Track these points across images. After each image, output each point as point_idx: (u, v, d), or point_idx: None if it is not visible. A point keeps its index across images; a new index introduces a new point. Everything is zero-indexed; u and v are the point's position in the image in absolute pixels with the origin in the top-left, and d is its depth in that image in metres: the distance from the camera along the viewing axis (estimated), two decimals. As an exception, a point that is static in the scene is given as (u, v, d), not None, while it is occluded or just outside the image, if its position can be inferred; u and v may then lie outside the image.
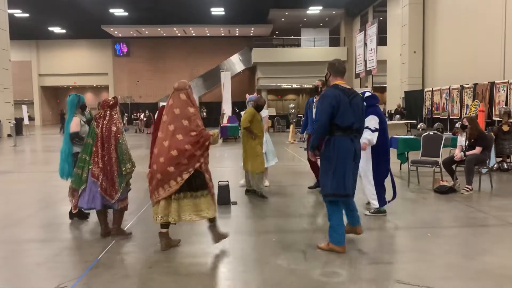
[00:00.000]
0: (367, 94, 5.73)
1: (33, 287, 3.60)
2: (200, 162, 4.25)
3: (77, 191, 4.86)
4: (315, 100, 7.41)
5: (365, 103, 5.57)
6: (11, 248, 4.72)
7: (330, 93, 4.26)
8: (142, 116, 28.32)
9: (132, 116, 32.33)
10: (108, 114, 4.85)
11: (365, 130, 5.44)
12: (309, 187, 7.62)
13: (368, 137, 5.43)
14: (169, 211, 4.26)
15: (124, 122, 26.98)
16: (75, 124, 5.46)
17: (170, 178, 4.18)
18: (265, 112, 7.86)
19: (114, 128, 4.76)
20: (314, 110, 7.28)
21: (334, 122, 4.19)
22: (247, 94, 8.20)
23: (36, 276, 3.91)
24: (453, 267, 3.97)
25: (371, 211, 5.74)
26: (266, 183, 7.85)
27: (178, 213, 4.25)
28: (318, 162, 4.71)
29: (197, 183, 4.26)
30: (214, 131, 4.40)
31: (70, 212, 5.54)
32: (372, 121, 5.48)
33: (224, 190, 6.48)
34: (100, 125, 4.79)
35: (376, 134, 5.49)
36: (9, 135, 20.27)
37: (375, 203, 5.68)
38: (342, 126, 4.19)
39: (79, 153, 5.21)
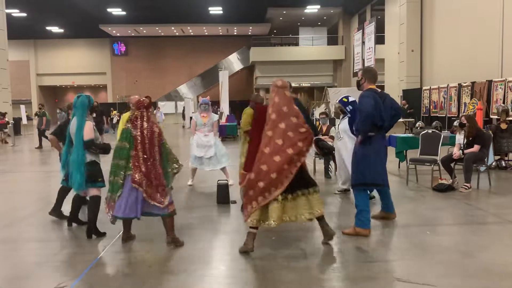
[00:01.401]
0: (351, 99, 6.30)
1: (34, 286, 3.61)
2: (306, 157, 4.33)
3: (113, 199, 4.45)
4: None
5: (350, 107, 6.19)
6: (11, 247, 4.72)
7: (369, 94, 4.81)
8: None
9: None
10: (145, 115, 4.50)
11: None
12: None
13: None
14: (271, 214, 4.15)
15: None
16: (90, 130, 4.85)
17: (284, 175, 4.14)
18: (215, 117, 7.97)
19: (156, 129, 4.47)
20: None
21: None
22: (200, 97, 8.18)
23: (36, 275, 3.91)
24: (452, 265, 3.98)
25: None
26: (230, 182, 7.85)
27: (293, 213, 4.22)
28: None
29: (306, 181, 4.29)
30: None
31: (88, 232, 4.93)
32: None
33: (223, 189, 6.48)
34: (139, 127, 4.43)
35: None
36: (8, 135, 20.20)
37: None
38: (378, 125, 4.77)
39: (95, 162, 4.91)
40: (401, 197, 6.76)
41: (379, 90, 4.99)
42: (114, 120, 27.57)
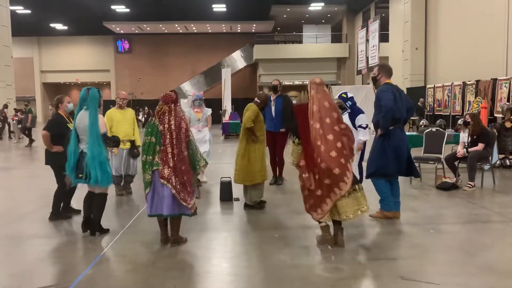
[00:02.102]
0: (349, 94, 6.43)
1: (37, 283, 3.61)
2: (353, 154, 4.38)
3: (146, 197, 4.39)
4: (272, 98, 7.59)
5: (350, 102, 6.30)
6: (14, 244, 4.74)
7: (387, 88, 5.06)
8: (140, 116, 27.34)
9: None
10: (172, 109, 4.39)
11: (359, 129, 6.15)
12: (270, 184, 7.56)
13: (362, 138, 6.20)
14: (343, 209, 4.20)
15: None
16: (103, 123, 4.79)
17: (344, 170, 4.18)
18: (209, 111, 7.96)
19: (184, 125, 4.37)
20: (272, 108, 7.52)
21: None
22: (193, 92, 8.17)
23: (39, 272, 3.92)
24: (456, 263, 3.97)
25: None
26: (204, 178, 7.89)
27: (354, 209, 4.24)
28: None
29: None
30: None
31: (90, 226, 4.90)
32: (364, 119, 6.24)
33: (226, 186, 6.48)
34: (167, 122, 4.33)
35: (368, 130, 6.31)
36: (11, 132, 20.30)
37: None
38: (395, 118, 5.01)
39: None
40: (405, 195, 6.72)
41: (395, 84, 5.23)
42: None
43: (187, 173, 4.32)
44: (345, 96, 6.43)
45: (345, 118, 6.36)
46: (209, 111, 7.97)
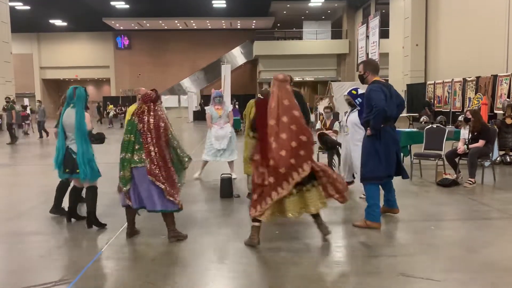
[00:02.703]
0: (360, 91, 6.07)
1: (37, 280, 3.61)
2: (313, 153, 4.32)
3: (127, 193, 4.45)
4: None
5: (360, 99, 6.00)
6: (14, 240, 4.73)
7: (376, 87, 4.80)
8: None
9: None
10: (152, 108, 4.45)
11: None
12: None
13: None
14: (289, 207, 4.16)
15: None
16: (89, 120, 4.95)
17: (292, 169, 4.12)
18: (230, 107, 7.97)
19: (162, 124, 4.41)
20: None
21: None
22: (212, 89, 8.16)
23: (40, 269, 3.92)
24: (456, 260, 3.97)
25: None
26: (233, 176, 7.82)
27: (300, 208, 4.21)
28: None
29: (311, 174, 4.26)
30: None
31: (89, 222, 4.98)
32: None
33: (227, 183, 6.47)
34: (146, 121, 4.37)
35: None
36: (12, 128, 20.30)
37: None
38: (386, 116, 4.74)
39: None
40: (405, 192, 6.73)
41: (383, 80, 4.99)
42: (111, 114, 27.51)
43: (169, 171, 4.42)
44: (355, 92, 6.15)
45: (354, 115, 6.19)
46: (230, 107, 8.03)
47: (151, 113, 4.42)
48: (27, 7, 29.01)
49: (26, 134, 19.26)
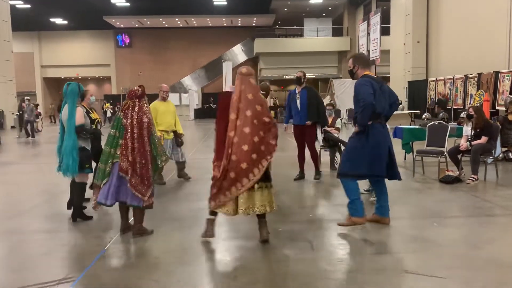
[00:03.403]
0: None
1: (41, 278, 3.60)
2: (275, 151, 4.20)
3: (98, 187, 4.60)
4: (297, 91, 7.42)
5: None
6: (18, 239, 4.74)
7: (365, 81, 4.54)
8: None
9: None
10: (137, 104, 4.52)
11: None
12: (295, 179, 7.53)
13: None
14: (252, 202, 4.13)
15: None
16: (80, 115, 5.10)
17: (254, 166, 4.06)
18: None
19: (146, 119, 4.49)
20: (298, 101, 7.34)
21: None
22: (230, 85, 8.11)
23: (43, 267, 3.92)
24: (460, 257, 3.96)
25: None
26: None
27: (263, 203, 4.18)
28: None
29: (267, 174, 4.23)
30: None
31: (68, 204, 5.45)
32: None
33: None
34: (130, 117, 4.46)
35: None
36: (12, 127, 20.34)
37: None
38: (375, 113, 4.51)
39: (85, 148, 5.13)
40: (408, 189, 6.73)
41: (375, 76, 4.71)
42: (108, 114, 27.40)
43: (145, 167, 4.46)
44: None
45: None
46: None
47: (136, 109, 4.50)
48: (28, 6, 28.99)
49: (39, 131, 19.86)
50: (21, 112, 18.96)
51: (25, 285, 3.46)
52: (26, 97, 19.40)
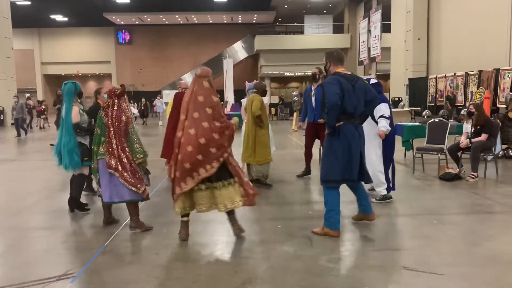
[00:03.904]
0: (372, 81, 5.67)
1: (41, 274, 3.62)
2: (228, 152, 4.22)
3: (98, 182, 4.76)
4: (313, 88, 7.36)
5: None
6: (18, 235, 4.75)
7: (331, 80, 4.34)
8: (133, 108, 26.40)
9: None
10: (116, 103, 4.66)
11: (381, 118, 5.48)
12: (298, 175, 7.56)
13: (387, 127, 5.46)
14: (198, 202, 4.19)
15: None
16: (76, 114, 5.28)
17: (199, 166, 4.10)
18: (266, 99, 7.87)
19: (124, 118, 4.61)
20: (313, 98, 7.27)
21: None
22: (246, 82, 8.15)
23: (44, 263, 3.93)
24: (459, 254, 3.97)
25: (377, 198, 5.72)
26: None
27: (210, 203, 4.21)
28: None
29: (225, 172, 4.22)
30: (235, 119, 4.38)
31: (69, 203, 5.51)
32: (385, 109, 5.50)
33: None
34: (110, 115, 4.62)
35: (388, 121, 5.50)
36: (13, 124, 20.34)
37: (382, 191, 5.66)
38: (346, 113, 4.29)
39: (82, 143, 5.31)
40: (407, 186, 6.74)
41: (349, 72, 4.47)
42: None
43: (131, 163, 4.59)
44: (366, 82, 5.93)
45: None
46: (266, 99, 7.92)
47: (115, 107, 4.64)
48: (28, 2, 28.92)
49: (42, 128, 20.23)
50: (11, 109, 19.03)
51: (25, 281, 3.48)
52: (14, 95, 19.32)
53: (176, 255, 4.05)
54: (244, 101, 8.15)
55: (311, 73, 7.45)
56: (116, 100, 4.68)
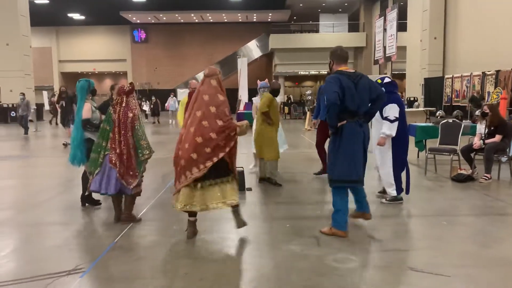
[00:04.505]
0: (386, 80, 5.67)
1: (53, 268, 3.70)
2: (225, 152, 4.20)
3: (92, 174, 4.93)
4: None
5: (383, 89, 5.18)
6: (32, 231, 4.86)
7: (332, 78, 4.29)
8: (144, 106, 25.73)
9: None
10: (124, 100, 4.85)
11: (384, 121, 5.41)
12: (315, 173, 7.68)
13: (387, 132, 5.37)
14: (193, 200, 4.23)
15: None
16: (87, 110, 5.41)
17: (192, 165, 4.15)
18: (278, 98, 7.88)
19: (130, 115, 4.79)
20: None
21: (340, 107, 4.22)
22: (258, 80, 8.18)
23: (56, 258, 4.02)
24: (468, 255, 3.94)
25: (387, 199, 5.69)
26: None
27: (204, 202, 4.23)
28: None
29: (221, 170, 4.25)
30: (243, 122, 4.35)
31: (82, 199, 5.70)
32: (392, 110, 5.39)
33: (239, 176, 6.48)
34: (117, 111, 4.81)
35: (396, 123, 5.40)
36: (30, 120, 20.70)
37: (392, 192, 5.63)
38: (348, 111, 4.23)
39: (91, 139, 5.36)
40: (419, 187, 6.69)
41: (352, 70, 4.40)
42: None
43: (130, 159, 4.79)
44: (380, 81, 5.54)
45: None
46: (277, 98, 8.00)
47: (123, 105, 4.83)
48: (46, 1, 29.38)
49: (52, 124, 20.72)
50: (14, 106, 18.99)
51: (37, 275, 3.56)
52: (21, 92, 19.54)
53: (184, 252, 4.10)
54: (255, 100, 8.20)
55: (326, 72, 7.45)
56: (125, 98, 4.87)
